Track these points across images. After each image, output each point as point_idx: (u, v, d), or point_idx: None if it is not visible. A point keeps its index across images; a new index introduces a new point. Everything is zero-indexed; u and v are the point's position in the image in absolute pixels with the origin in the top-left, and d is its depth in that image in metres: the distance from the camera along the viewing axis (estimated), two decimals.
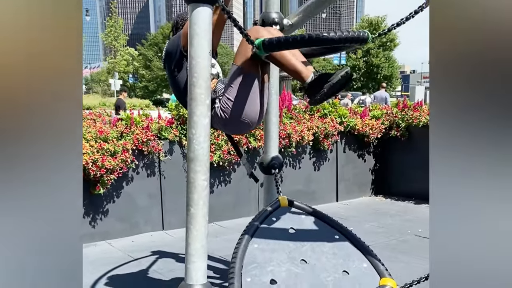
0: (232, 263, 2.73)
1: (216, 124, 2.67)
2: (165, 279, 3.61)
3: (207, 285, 2.21)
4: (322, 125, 5.69)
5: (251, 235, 2.87)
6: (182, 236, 4.79)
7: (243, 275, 2.68)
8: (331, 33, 2.19)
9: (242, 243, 2.81)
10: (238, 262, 2.72)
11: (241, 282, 2.64)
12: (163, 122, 4.76)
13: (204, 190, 2.11)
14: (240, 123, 2.60)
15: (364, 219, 5.39)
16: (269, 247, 2.85)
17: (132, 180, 4.65)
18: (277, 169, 3.21)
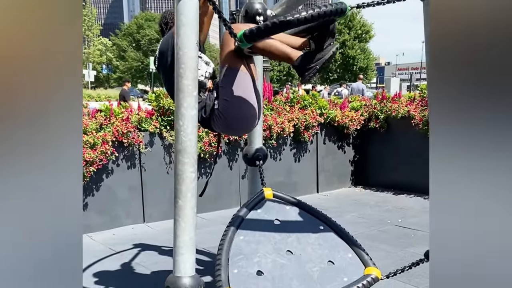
0: (219, 255, 2.73)
1: (218, 127, 2.66)
2: (149, 271, 3.58)
3: (195, 277, 2.19)
4: (302, 116, 5.71)
5: (237, 227, 2.87)
6: (164, 229, 4.77)
7: (230, 266, 2.68)
8: (309, 11, 2.17)
9: (228, 235, 2.81)
10: (224, 254, 2.72)
11: (228, 273, 2.64)
12: (143, 114, 4.69)
13: (192, 182, 2.09)
14: (243, 122, 2.59)
15: (344, 209, 5.45)
16: (255, 239, 2.85)
17: (112, 173, 4.58)
18: (261, 160, 3.21)
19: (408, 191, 6.06)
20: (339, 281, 2.68)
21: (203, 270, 3.57)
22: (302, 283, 2.65)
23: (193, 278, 2.18)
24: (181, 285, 2.15)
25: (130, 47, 48.41)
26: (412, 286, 3.28)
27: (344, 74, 41.54)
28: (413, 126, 5.74)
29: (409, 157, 5.94)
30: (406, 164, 6.01)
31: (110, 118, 4.45)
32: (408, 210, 5.33)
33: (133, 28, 49.52)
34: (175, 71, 1.99)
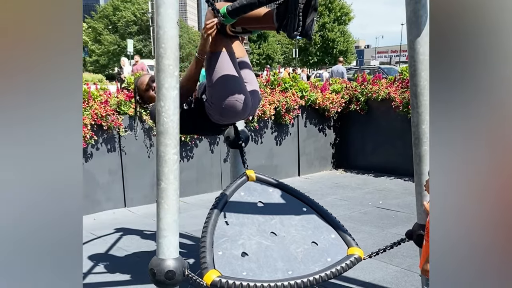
0: (203, 238, 2.71)
1: (213, 117, 2.61)
2: (131, 255, 3.56)
3: (179, 259, 2.17)
4: (283, 99, 5.69)
5: (220, 210, 2.85)
6: (145, 213, 4.73)
7: (215, 249, 2.67)
8: None
9: (212, 217, 2.79)
10: (208, 236, 2.71)
11: (213, 256, 2.63)
12: (122, 97, 4.61)
13: (174, 164, 2.07)
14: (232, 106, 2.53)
15: (326, 192, 5.48)
16: (239, 221, 2.84)
17: (92, 157, 4.50)
18: (243, 143, 3.18)
19: (388, 173, 6.13)
20: (323, 261, 2.70)
21: (186, 253, 3.55)
22: (286, 263, 2.66)
23: (177, 260, 2.17)
24: (165, 267, 2.13)
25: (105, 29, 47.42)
26: (394, 266, 3.33)
27: (324, 57, 41.54)
28: (394, 108, 5.78)
29: (390, 139, 5.99)
30: (387, 147, 6.06)
31: (89, 101, 4.35)
32: (389, 192, 5.39)
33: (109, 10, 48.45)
34: (156, 51, 1.94)
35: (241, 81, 2.61)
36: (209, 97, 2.62)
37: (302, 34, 2.20)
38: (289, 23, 2.15)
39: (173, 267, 2.14)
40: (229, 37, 2.53)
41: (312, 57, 42.46)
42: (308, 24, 2.17)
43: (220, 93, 2.53)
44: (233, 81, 2.55)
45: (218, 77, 2.50)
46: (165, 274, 2.13)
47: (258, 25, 2.49)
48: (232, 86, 2.55)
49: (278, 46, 45.98)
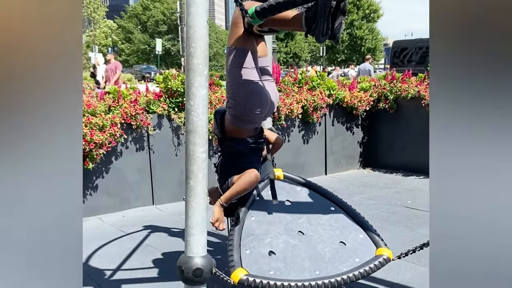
0: (231, 236, 2.73)
1: (236, 118, 2.64)
2: (159, 252, 3.60)
3: (207, 257, 2.19)
4: (311, 97, 5.66)
5: (248, 208, 2.86)
6: (172, 211, 4.78)
7: (242, 247, 2.68)
8: None
9: (239, 216, 2.80)
10: (236, 234, 2.72)
11: (240, 254, 2.64)
12: (151, 96, 4.67)
13: (203, 162, 2.08)
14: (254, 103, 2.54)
15: (353, 191, 5.43)
16: (266, 219, 2.85)
17: (121, 155, 4.58)
18: None
19: (417, 172, 6.03)
20: (351, 261, 2.67)
21: (213, 251, 3.58)
22: (314, 263, 2.64)
23: (205, 258, 2.19)
24: (193, 265, 2.15)
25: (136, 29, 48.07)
26: (422, 266, 3.27)
27: (352, 55, 41.12)
28: (423, 107, 5.68)
29: (419, 138, 5.89)
30: (416, 145, 5.96)
31: (119, 100, 4.43)
32: (418, 191, 5.31)
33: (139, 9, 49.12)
34: (185, 50, 1.96)
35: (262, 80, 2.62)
36: (231, 95, 2.62)
37: (330, 37, 2.19)
38: (318, 27, 2.13)
39: (201, 265, 2.16)
40: (255, 36, 2.54)
41: (340, 55, 42.10)
42: (336, 27, 2.15)
43: (244, 92, 2.54)
44: (256, 80, 2.56)
45: (242, 76, 2.51)
46: (193, 272, 2.15)
47: (285, 27, 2.49)
48: (255, 86, 2.56)
49: (305, 44, 45.74)
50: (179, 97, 4.71)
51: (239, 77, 2.49)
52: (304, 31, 2.23)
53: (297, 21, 2.25)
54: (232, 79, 2.54)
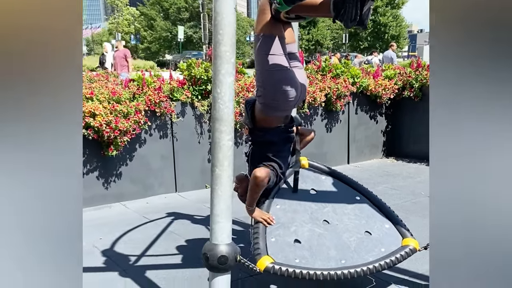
0: (256, 223, 2.73)
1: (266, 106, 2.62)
2: (183, 239, 3.62)
3: (232, 245, 2.19)
4: (334, 85, 5.59)
5: (273, 196, 2.86)
6: (195, 198, 4.81)
7: (267, 235, 2.68)
8: None
9: (265, 204, 2.80)
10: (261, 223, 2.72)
11: (266, 242, 2.64)
12: (175, 83, 4.67)
13: (229, 150, 2.07)
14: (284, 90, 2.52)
15: (376, 181, 5.37)
16: (291, 208, 2.84)
17: (145, 142, 4.61)
18: None
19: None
20: (377, 251, 2.65)
21: (236, 240, 3.59)
22: (339, 252, 2.63)
23: (230, 246, 2.19)
24: (218, 252, 2.15)
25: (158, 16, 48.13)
26: None
27: (375, 43, 40.47)
28: None
29: None
30: None
31: (143, 87, 4.44)
32: None
33: None
34: (213, 37, 1.94)
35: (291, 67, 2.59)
36: (261, 83, 2.61)
37: (359, 23, 2.15)
38: (347, 13, 2.09)
39: (226, 253, 2.16)
40: (282, 22, 2.51)
41: (363, 42, 41.51)
42: (364, 13, 2.11)
43: (273, 79, 2.52)
44: (285, 66, 2.53)
45: (271, 62, 2.49)
46: (218, 259, 2.15)
47: (313, 13, 2.45)
48: (284, 72, 2.53)
49: (327, 31, 45.22)
50: (203, 85, 4.70)
51: (267, 64, 2.46)
52: (332, 16, 2.19)
53: (325, 6, 2.20)
54: (261, 66, 2.51)
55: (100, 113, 4.00)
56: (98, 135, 4.10)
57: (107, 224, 3.99)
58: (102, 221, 4.08)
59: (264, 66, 2.49)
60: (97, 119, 3.99)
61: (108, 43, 12.61)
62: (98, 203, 4.45)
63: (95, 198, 4.43)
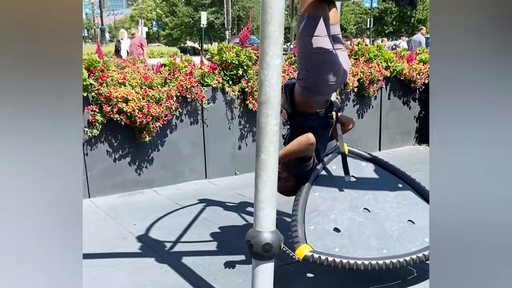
0: (294, 211, 2.66)
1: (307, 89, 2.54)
2: (216, 226, 3.59)
3: (276, 232, 2.13)
4: (367, 70, 5.45)
5: (312, 183, 2.78)
6: (225, 185, 4.77)
7: (306, 223, 2.61)
8: None
9: (303, 190, 2.73)
10: (300, 210, 2.65)
11: (304, 230, 2.58)
12: (206, 68, 4.61)
13: (275, 135, 2.00)
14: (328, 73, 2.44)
15: (410, 168, 5.22)
16: (331, 195, 2.76)
17: (176, 128, 4.57)
18: None
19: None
20: (421, 241, 2.57)
21: None
22: (381, 241, 2.55)
23: (274, 233, 2.13)
24: (262, 239, 2.10)
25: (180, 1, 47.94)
26: None
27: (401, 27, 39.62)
28: None
29: None
30: None
31: (174, 72, 4.39)
32: None
33: None
34: (261, 17, 1.86)
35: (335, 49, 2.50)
36: (303, 66, 2.53)
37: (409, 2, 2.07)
38: None
39: (270, 240, 2.11)
40: (327, 2, 2.42)
41: (388, 27, 40.69)
42: None
43: (317, 62, 2.44)
44: (329, 49, 2.44)
45: (315, 45, 2.40)
46: (262, 247, 2.10)
47: None
48: (328, 55, 2.45)
49: (351, 16, 44.50)
50: (234, 70, 4.62)
51: (311, 46, 2.38)
52: None
53: None
54: (304, 48, 2.43)
55: (133, 99, 3.97)
56: (130, 120, 4.07)
57: (140, 210, 3.99)
58: (135, 206, 4.08)
59: (307, 48, 2.41)
60: (130, 104, 3.96)
61: (124, 30, 12.38)
62: (130, 189, 4.45)
63: (127, 184, 4.42)
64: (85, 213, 3.90)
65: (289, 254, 2.41)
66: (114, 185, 4.36)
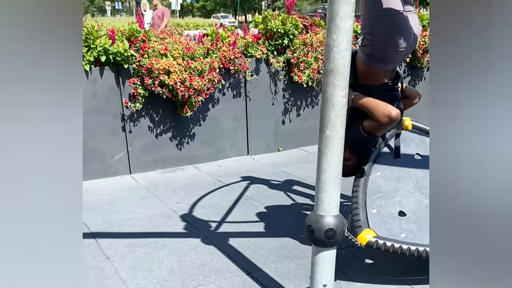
0: (354, 192, 2.44)
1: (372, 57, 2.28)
2: (261, 206, 3.41)
3: (340, 217, 1.91)
4: (421, 38, 5.08)
5: (373, 161, 2.54)
6: (267, 162, 4.57)
7: (368, 205, 2.39)
8: None
9: (364, 170, 2.49)
10: (361, 191, 2.43)
11: (366, 213, 2.35)
12: (250, 38, 4.35)
13: (342, 108, 1.76)
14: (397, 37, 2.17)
15: None
16: (394, 175, 2.51)
17: (218, 102, 4.37)
18: None
19: None
20: None
21: None
22: None
23: (338, 218, 1.91)
24: (325, 225, 1.88)
25: None
26: None
27: None
28: None
29: None
30: None
31: (217, 43, 4.16)
32: None
33: None
34: None
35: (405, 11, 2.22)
36: (368, 31, 2.26)
37: None
38: None
39: (334, 225, 1.89)
40: None
41: None
42: None
43: (384, 25, 2.16)
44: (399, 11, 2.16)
45: (384, 6, 2.13)
46: (325, 233, 1.88)
47: None
48: (397, 18, 2.17)
49: None
50: (279, 39, 4.36)
51: (379, 7, 2.11)
52: None
53: None
54: (371, 10, 2.16)
55: (175, 71, 3.77)
56: (172, 94, 3.89)
57: (182, 187, 3.84)
58: (177, 184, 3.93)
59: (375, 9, 2.14)
60: (172, 76, 3.77)
61: (146, 1, 12.07)
62: (171, 165, 4.31)
63: (168, 160, 4.28)
64: (127, 190, 3.79)
65: (351, 239, 2.20)
66: (155, 161, 4.22)
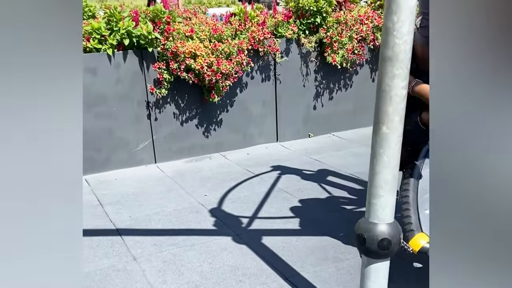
0: (404, 191, 2.18)
1: None
2: (295, 199, 3.18)
3: (395, 225, 1.67)
4: None
5: (424, 155, 2.27)
6: (298, 149, 4.33)
7: (420, 206, 2.13)
8: None
9: (415, 167, 2.23)
10: (411, 190, 2.17)
11: (418, 215, 2.10)
12: (280, 17, 4.07)
13: (402, 101, 1.51)
14: None
15: None
16: None
17: (246, 86, 4.13)
18: None
19: None
20: None
21: (357, 201, 3.07)
22: None
23: (393, 226, 1.67)
24: (379, 234, 1.65)
25: None
26: None
27: None
28: None
29: None
30: None
31: (245, 23, 3.89)
32: None
33: None
34: None
35: None
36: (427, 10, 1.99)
37: None
38: None
39: (389, 235, 1.65)
40: None
41: None
42: None
43: None
44: None
45: None
46: (378, 243, 1.64)
47: None
48: None
49: None
50: (311, 18, 4.06)
51: None
52: None
53: None
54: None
55: (201, 54, 3.53)
56: (198, 79, 3.66)
57: (209, 178, 3.63)
58: (204, 174, 3.73)
59: None
60: (198, 60, 3.53)
61: None
62: (198, 154, 4.10)
63: (195, 148, 4.07)
64: (152, 181, 3.61)
65: (403, 246, 1.96)
66: (181, 149, 4.03)
